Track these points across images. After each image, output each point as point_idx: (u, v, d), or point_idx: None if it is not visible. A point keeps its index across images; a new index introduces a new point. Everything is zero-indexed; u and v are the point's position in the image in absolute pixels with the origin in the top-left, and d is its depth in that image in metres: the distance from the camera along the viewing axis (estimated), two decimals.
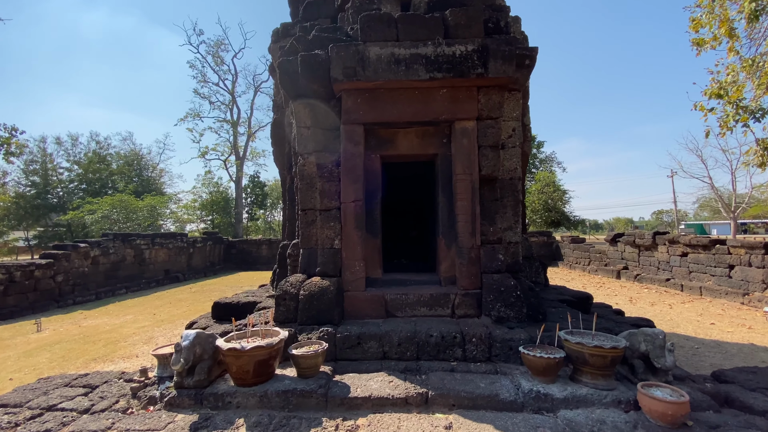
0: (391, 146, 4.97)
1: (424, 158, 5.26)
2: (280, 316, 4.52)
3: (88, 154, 27.74)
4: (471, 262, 4.63)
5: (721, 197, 23.32)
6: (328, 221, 4.73)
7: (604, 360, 3.42)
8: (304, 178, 4.91)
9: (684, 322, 8.24)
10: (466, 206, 4.66)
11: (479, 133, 4.72)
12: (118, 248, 12.94)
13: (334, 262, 4.65)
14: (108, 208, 21.22)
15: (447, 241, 4.88)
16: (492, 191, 4.81)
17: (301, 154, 4.95)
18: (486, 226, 4.72)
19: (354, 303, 4.60)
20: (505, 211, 4.90)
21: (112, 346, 7.09)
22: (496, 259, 4.62)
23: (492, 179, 4.78)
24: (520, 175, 4.94)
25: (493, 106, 4.70)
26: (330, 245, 4.69)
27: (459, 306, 4.57)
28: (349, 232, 4.67)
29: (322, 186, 4.80)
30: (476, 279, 4.63)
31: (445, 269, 4.87)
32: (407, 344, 4.07)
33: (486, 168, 4.68)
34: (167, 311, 10.00)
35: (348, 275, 4.65)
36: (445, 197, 4.91)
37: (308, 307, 4.38)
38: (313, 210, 4.89)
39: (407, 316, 4.59)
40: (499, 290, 4.45)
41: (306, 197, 4.89)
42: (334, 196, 4.78)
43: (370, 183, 4.95)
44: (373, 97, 4.71)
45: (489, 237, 4.71)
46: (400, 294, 4.61)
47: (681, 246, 11.68)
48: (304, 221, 4.89)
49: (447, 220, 4.90)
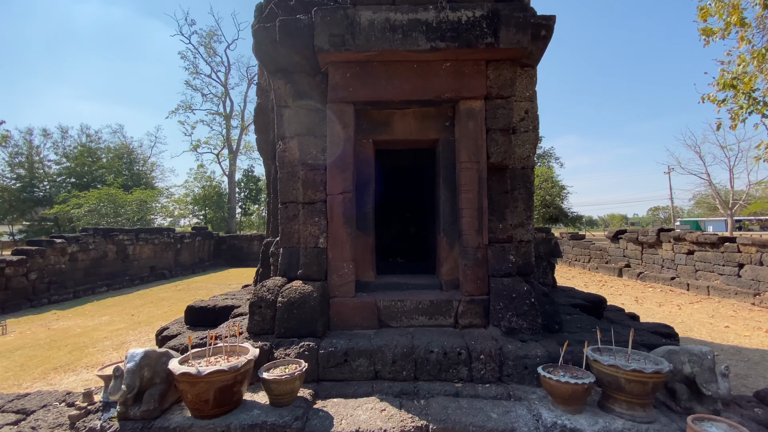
0: (386, 130, 4.26)
1: (424, 144, 4.56)
2: (255, 327, 3.82)
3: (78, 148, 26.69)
4: (477, 263, 3.94)
5: (718, 194, 22.86)
6: (311, 216, 4.01)
7: (643, 387, 2.75)
8: (285, 165, 4.19)
9: (696, 324, 7.66)
10: (472, 199, 3.97)
11: (488, 114, 4.02)
12: (99, 244, 12.14)
13: (319, 264, 3.95)
14: (95, 202, 20.33)
15: (449, 239, 4.19)
16: (501, 182, 4.12)
17: (282, 138, 4.22)
18: (494, 222, 4.04)
19: (342, 311, 3.90)
20: (516, 204, 4.21)
21: (78, 353, 6.36)
22: (507, 261, 3.94)
23: (502, 168, 4.09)
24: (533, 164, 4.25)
25: (504, 83, 4.00)
26: (314, 244, 3.98)
27: (463, 314, 3.89)
28: (337, 229, 3.96)
29: (305, 175, 4.08)
30: (483, 283, 3.95)
31: (447, 271, 4.18)
32: (403, 362, 3.38)
33: (495, 155, 3.98)
34: (147, 312, 9.26)
35: (335, 279, 3.95)
36: (447, 189, 4.22)
37: (287, 316, 3.68)
38: (295, 203, 4.18)
39: (403, 326, 3.91)
40: (510, 297, 3.78)
41: (286, 188, 4.17)
42: (319, 187, 4.06)
43: (362, 172, 4.24)
44: (364, 71, 3.98)
45: (498, 235, 4.02)
46: (395, 300, 3.92)
47: (687, 244, 11.10)
48: (284, 216, 4.18)
49: (449, 216, 4.21)
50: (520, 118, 4.25)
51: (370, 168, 4.26)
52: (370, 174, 4.27)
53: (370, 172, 4.27)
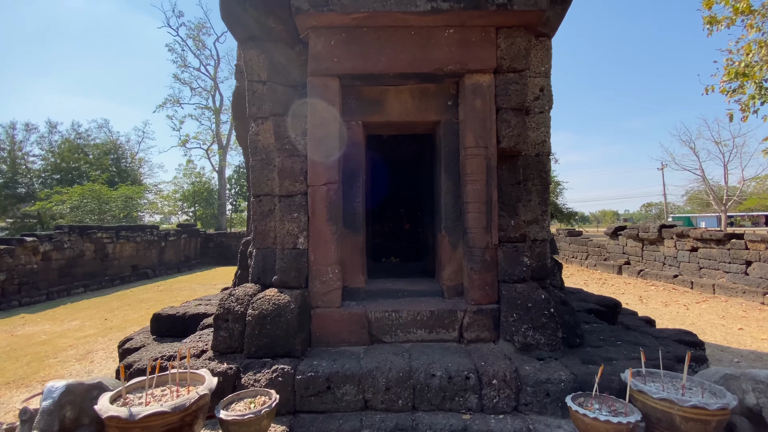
0: (378, 110, 3.58)
1: (422, 128, 3.89)
2: (221, 344, 3.14)
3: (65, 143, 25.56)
4: (485, 267, 3.30)
5: (712, 190, 22.56)
6: (289, 211, 3.33)
7: (705, 427, 2.14)
8: (258, 151, 3.50)
9: (708, 326, 7.13)
10: (479, 191, 3.32)
11: (498, 90, 3.37)
12: (75, 242, 11.30)
13: (298, 269, 3.27)
14: (78, 198, 19.38)
15: (452, 238, 3.54)
16: (513, 171, 3.47)
17: (255, 119, 3.53)
18: (505, 218, 3.39)
19: (325, 324, 3.24)
20: (530, 197, 3.57)
21: (36, 364, 5.62)
22: (520, 264, 3.30)
23: (514, 155, 3.44)
24: (549, 150, 3.61)
25: (518, 54, 3.34)
26: (292, 244, 3.30)
27: (469, 327, 3.25)
28: (319, 227, 3.28)
29: (281, 163, 3.39)
30: (492, 290, 3.32)
31: (450, 276, 3.54)
32: (399, 389, 2.73)
33: (507, 139, 3.33)
34: (122, 316, 8.51)
35: (317, 286, 3.28)
36: (449, 180, 3.56)
37: (258, 333, 3.01)
38: (270, 196, 3.49)
39: (399, 342, 3.26)
40: (524, 307, 3.14)
41: (260, 178, 3.48)
42: (299, 177, 3.38)
43: (350, 160, 3.57)
44: (352, 38, 3.30)
45: (509, 233, 3.38)
46: (389, 311, 3.26)
47: (691, 240, 10.60)
48: (257, 211, 3.49)
49: (452, 211, 3.56)
50: (534, 97, 3.60)
51: (360, 155, 3.59)
52: (360, 162, 3.60)
53: (360, 160, 3.60)
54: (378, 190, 5.72)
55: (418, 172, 5.57)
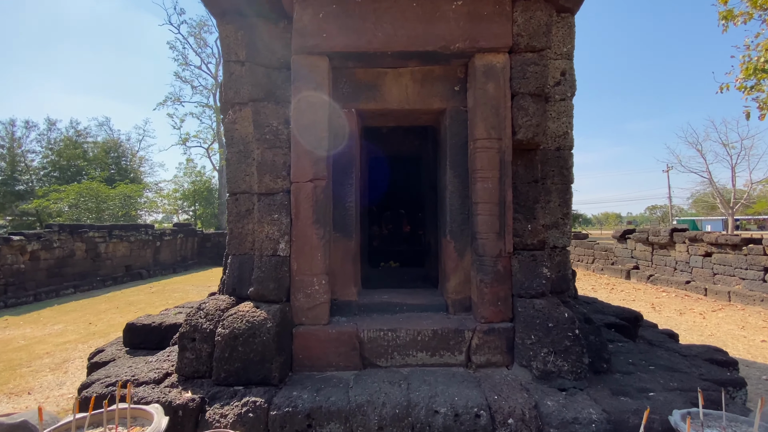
0: (374, 96, 3.08)
1: (425, 118, 3.38)
2: (187, 368, 2.64)
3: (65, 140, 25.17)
4: (498, 279, 2.79)
5: (720, 193, 21.94)
6: (269, 212, 2.82)
7: None
8: (235, 142, 3.00)
9: (729, 338, 6.58)
10: (491, 190, 2.80)
11: (514, 73, 2.85)
12: (65, 241, 10.84)
13: (278, 279, 2.75)
14: (75, 196, 18.98)
15: (458, 244, 3.03)
16: (530, 168, 2.96)
17: (231, 104, 3.03)
18: (521, 221, 2.88)
19: (310, 345, 2.73)
20: (549, 198, 3.06)
21: (8, 373, 5.13)
22: (538, 275, 2.79)
23: (531, 148, 2.93)
24: (571, 144, 3.09)
25: (537, 30, 2.83)
26: (271, 251, 2.79)
27: (479, 349, 2.74)
28: (304, 230, 2.78)
29: (261, 155, 2.88)
30: (505, 306, 2.80)
31: (455, 288, 3.03)
32: (395, 428, 2.22)
33: (524, 129, 2.81)
34: (108, 319, 8.03)
35: (300, 299, 2.77)
36: (456, 177, 3.05)
37: (229, 356, 2.50)
38: (248, 194, 2.99)
39: (395, 366, 2.75)
40: (544, 327, 2.63)
41: (237, 173, 2.98)
42: (281, 172, 2.87)
43: (341, 153, 3.06)
44: (343, 10, 2.79)
45: (526, 239, 2.86)
46: (385, 330, 2.75)
47: (704, 245, 10.05)
48: (234, 212, 2.99)
49: (459, 213, 3.05)
50: (555, 82, 3.08)
51: (353, 147, 3.09)
52: (353, 155, 3.09)
53: (353, 153, 3.10)
54: (375, 189, 5.21)
55: (419, 169, 5.06)
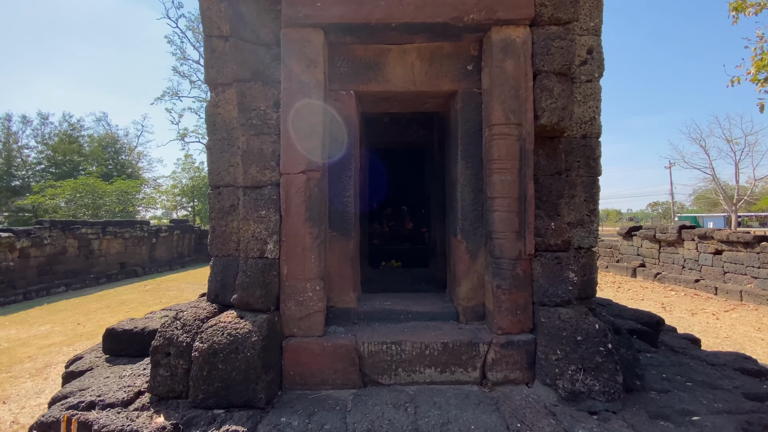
0: (376, 77, 2.69)
1: (433, 103, 2.99)
2: (160, 386, 2.28)
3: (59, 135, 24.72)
4: (517, 284, 2.43)
5: (723, 189, 21.58)
6: (255, 208, 2.44)
7: None
8: (217, 128, 2.62)
9: (746, 340, 6.24)
10: (510, 183, 2.43)
11: (536, 49, 2.47)
12: (57, 238, 10.47)
13: (265, 285, 2.38)
14: (70, 192, 18.59)
15: (470, 244, 2.66)
16: (553, 158, 2.59)
17: (213, 85, 2.65)
18: (543, 219, 2.51)
19: (302, 360, 2.37)
20: (574, 192, 2.68)
21: None
22: (563, 280, 2.42)
23: (555, 136, 2.55)
24: (599, 131, 2.71)
25: (562, 1, 2.45)
26: (258, 252, 2.42)
27: (495, 365, 2.38)
28: (296, 229, 2.41)
29: (247, 143, 2.50)
30: (525, 315, 2.44)
31: (467, 293, 2.66)
32: None
33: (548, 113, 2.43)
34: (98, 319, 7.67)
35: (291, 308, 2.40)
36: (468, 169, 2.68)
37: (207, 374, 2.14)
38: (233, 187, 2.61)
39: (400, 384, 2.39)
40: (572, 340, 2.26)
41: (219, 164, 2.61)
42: (269, 162, 2.49)
43: (338, 141, 2.68)
44: None
45: (548, 239, 2.49)
46: (388, 343, 2.39)
47: (714, 242, 9.69)
48: (216, 207, 2.62)
49: (471, 209, 2.67)
50: (581, 61, 2.70)
51: (352, 134, 2.71)
52: (352, 144, 2.72)
53: (352, 142, 2.72)
54: (376, 184, 4.83)
55: (424, 162, 4.69)
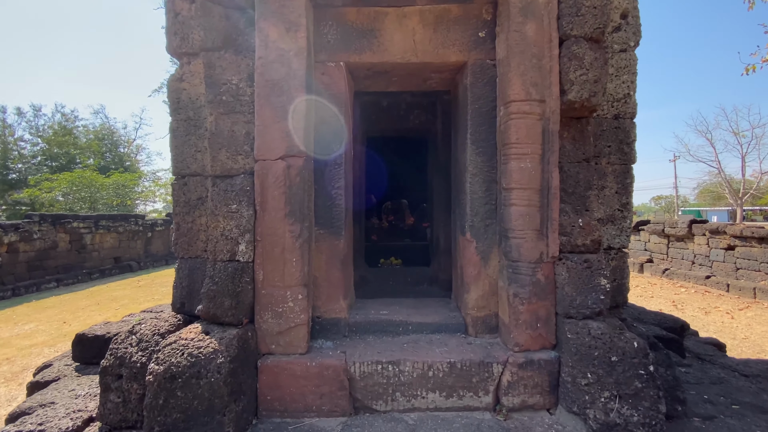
0: (371, 45, 2.25)
1: (438, 78, 2.55)
2: (111, 414, 1.88)
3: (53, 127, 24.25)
4: (538, 292, 2.02)
5: (729, 183, 21.07)
6: (225, 201, 2.03)
7: None
8: (182, 107, 2.19)
9: (765, 341, 5.85)
10: (530, 172, 2.01)
11: (563, 9, 2.03)
12: (47, 232, 10.09)
13: (236, 293, 1.97)
14: (67, 185, 18.22)
15: (481, 244, 2.25)
16: (581, 142, 2.16)
17: (178, 55, 2.21)
18: (569, 215, 2.09)
19: (281, 383, 1.97)
20: (604, 183, 2.26)
21: None
22: (594, 288, 2.01)
23: (584, 115, 2.12)
24: (634, 111, 2.28)
25: None
26: (228, 254, 2.00)
27: (511, 388, 1.98)
28: (273, 226, 1.99)
29: (216, 123, 2.08)
30: (547, 329, 2.04)
31: (477, 301, 2.25)
32: None
33: (577, 87, 2.00)
34: (85, 317, 7.32)
35: (269, 321, 2.00)
36: (479, 155, 2.25)
37: (164, 403, 1.74)
38: (201, 176, 2.19)
39: (399, 411, 1.99)
40: (605, 360, 1.86)
41: (184, 149, 2.18)
42: (243, 147, 2.07)
43: (325, 122, 2.26)
44: None
45: (575, 238, 2.08)
46: (384, 363, 1.98)
47: (727, 237, 9.26)
48: (181, 200, 2.20)
49: (482, 203, 2.25)
50: (614, 27, 2.25)
51: (342, 114, 2.27)
52: (342, 126, 2.28)
53: (342, 123, 2.29)
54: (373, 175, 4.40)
55: (426, 151, 4.26)
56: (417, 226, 5.35)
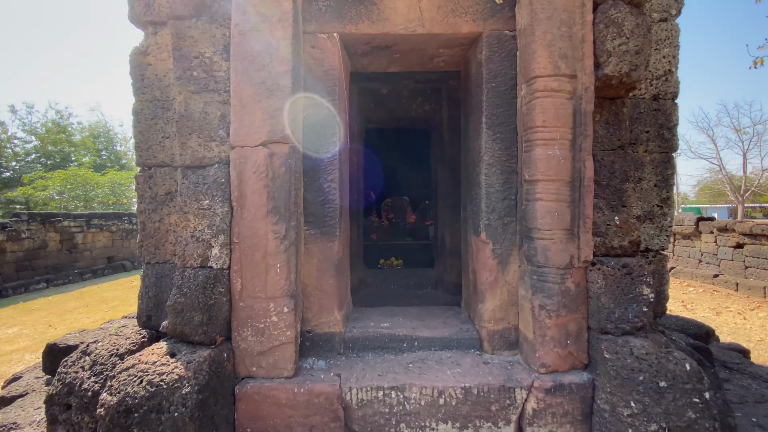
0: (369, 14, 1.91)
1: (447, 55, 2.20)
2: None
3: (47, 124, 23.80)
4: (567, 302, 1.69)
5: (730, 180, 20.79)
6: (196, 196, 1.69)
7: None
8: (147, 85, 1.85)
9: None
10: (559, 160, 1.68)
11: None
12: (36, 231, 9.73)
13: (207, 306, 1.64)
14: (61, 183, 17.85)
15: (499, 245, 1.92)
16: (615, 126, 1.83)
17: (143, 26, 1.87)
18: (603, 212, 1.76)
19: (262, 413, 1.64)
20: (642, 174, 1.92)
21: None
22: (636, 298, 1.68)
23: (619, 95, 1.79)
24: (675, 90, 1.95)
25: None
26: (200, 259, 1.67)
27: (537, 418, 1.66)
28: (253, 226, 1.66)
29: (186, 103, 1.74)
30: (578, 346, 1.71)
31: (494, 312, 1.93)
32: None
33: (615, 59, 1.66)
34: (73, 320, 6.97)
35: (248, 338, 1.67)
36: (496, 142, 1.92)
37: None
38: (170, 167, 1.86)
39: None
40: (653, 386, 1.54)
41: (148, 134, 1.84)
42: (217, 132, 1.73)
43: (316, 104, 1.92)
44: None
45: (611, 239, 1.75)
46: (386, 389, 1.66)
47: (736, 235, 8.96)
48: (147, 196, 1.87)
49: (499, 197, 1.92)
50: None
51: (335, 94, 1.93)
52: (336, 109, 1.94)
53: (336, 106, 1.94)
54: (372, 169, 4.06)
55: (430, 143, 3.92)
56: (419, 224, 5.02)
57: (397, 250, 4.43)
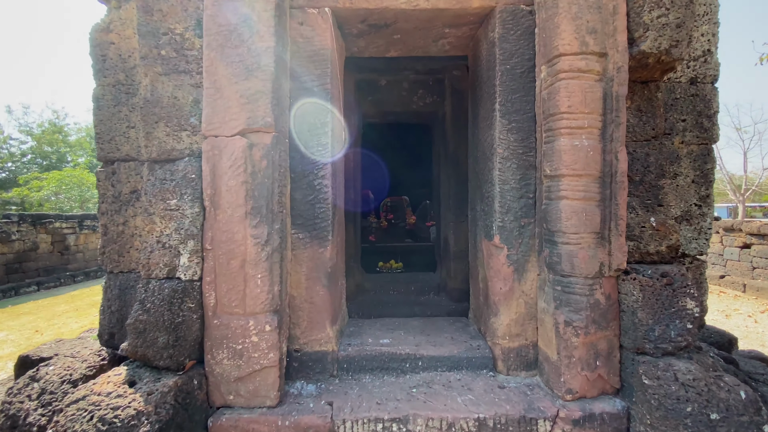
0: None
1: (454, 35, 1.95)
2: None
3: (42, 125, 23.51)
4: (596, 318, 1.44)
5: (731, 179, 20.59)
6: (162, 195, 1.44)
7: None
8: (109, 67, 1.59)
9: None
10: (588, 151, 1.43)
11: None
12: (26, 233, 9.45)
13: (174, 326, 1.38)
14: (56, 184, 17.59)
15: (515, 250, 1.67)
16: (649, 114, 1.58)
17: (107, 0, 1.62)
18: (636, 212, 1.52)
19: None
20: (678, 169, 1.67)
21: None
22: (678, 313, 1.43)
23: (653, 78, 1.55)
24: (715, 73, 1.70)
25: None
26: (166, 269, 1.41)
27: None
28: (229, 229, 1.41)
29: (152, 86, 1.49)
30: (609, 367, 1.46)
31: (509, 327, 1.68)
32: None
33: (653, 35, 1.42)
34: (60, 325, 6.70)
35: (223, 362, 1.42)
36: (512, 132, 1.67)
37: None
38: (135, 162, 1.60)
39: None
40: (702, 418, 1.29)
41: (110, 123, 1.59)
42: (188, 120, 1.48)
43: (305, 88, 1.67)
44: None
45: (647, 244, 1.50)
46: (386, 420, 1.40)
47: (742, 235, 8.74)
48: (109, 194, 1.61)
49: (515, 195, 1.67)
50: None
51: (327, 78, 1.68)
52: (328, 95, 1.69)
53: (328, 92, 1.69)
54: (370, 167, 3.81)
55: (431, 139, 3.66)
56: (420, 225, 4.77)
57: (397, 252, 4.17)
